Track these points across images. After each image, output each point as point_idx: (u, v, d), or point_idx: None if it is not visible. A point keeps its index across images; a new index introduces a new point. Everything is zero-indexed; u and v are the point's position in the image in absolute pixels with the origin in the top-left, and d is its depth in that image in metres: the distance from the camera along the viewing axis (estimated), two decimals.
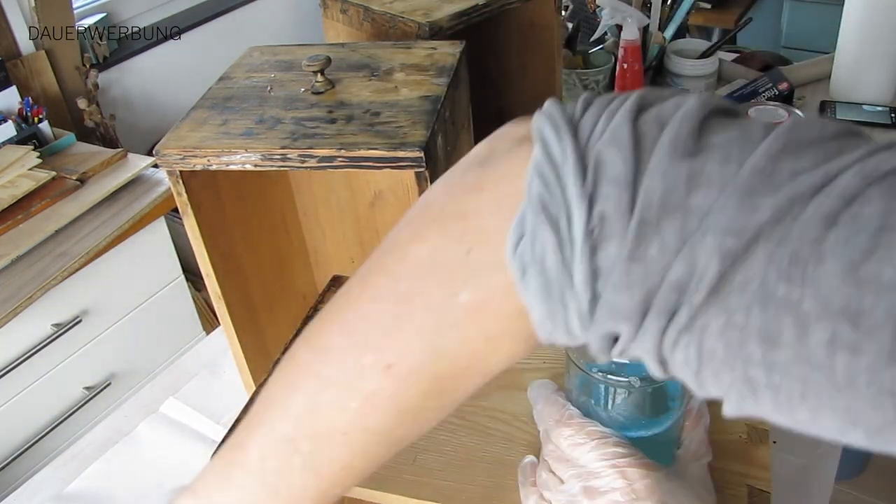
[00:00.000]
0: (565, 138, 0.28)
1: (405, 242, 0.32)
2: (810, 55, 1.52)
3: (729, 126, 0.27)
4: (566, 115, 0.29)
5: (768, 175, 0.25)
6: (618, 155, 0.26)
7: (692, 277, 0.25)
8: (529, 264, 0.28)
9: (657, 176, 0.26)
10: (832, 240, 0.23)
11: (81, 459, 0.87)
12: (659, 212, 0.25)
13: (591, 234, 0.26)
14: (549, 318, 0.28)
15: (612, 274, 0.26)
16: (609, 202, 0.26)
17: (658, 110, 0.28)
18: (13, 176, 1.44)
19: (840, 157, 0.24)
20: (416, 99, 0.69)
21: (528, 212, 0.28)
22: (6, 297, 1.26)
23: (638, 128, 0.27)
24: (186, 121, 0.69)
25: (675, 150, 0.26)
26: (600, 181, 0.26)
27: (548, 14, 0.99)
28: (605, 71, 1.35)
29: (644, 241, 0.25)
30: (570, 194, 0.27)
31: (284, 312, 0.87)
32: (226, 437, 0.39)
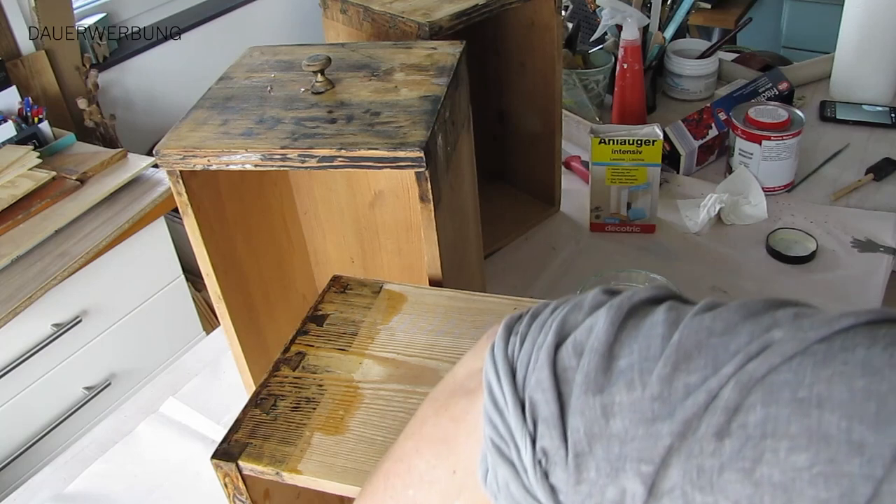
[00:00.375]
0: (505, 385, 0.33)
1: (409, 455, 0.40)
2: (810, 55, 1.52)
3: (633, 342, 0.31)
4: (507, 356, 0.34)
5: (664, 399, 0.29)
6: (545, 397, 0.31)
7: (626, 496, 0.29)
8: (498, 492, 0.33)
9: (577, 414, 0.30)
10: (727, 451, 0.26)
11: (81, 459, 0.87)
12: (588, 442, 0.30)
13: (540, 465, 0.31)
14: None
15: (567, 492, 0.31)
16: (545, 439, 0.31)
17: (574, 339, 0.32)
18: (13, 176, 1.44)
19: (724, 365, 0.28)
20: (416, 99, 0.69)
21: (487, 450, 0.34)
22: (6, 297, 1.26)
23: (558, 365, 0.32)
24: (186, 121, 0.69)
25: (588, 388, 0.30)
26: (537, 421, 0.32)
27: (548, 14, 0.99)
28: (605, 71, 1.35)
29: (583, 467, 0.30)
30: (516, 436, 0.32)
31: (284, 312, 0.87)
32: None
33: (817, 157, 1.22)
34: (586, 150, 1.15)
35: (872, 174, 1.17)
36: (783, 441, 0.25)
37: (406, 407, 0.56)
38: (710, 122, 1.21)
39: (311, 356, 0.62)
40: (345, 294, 0.68)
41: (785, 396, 0.26)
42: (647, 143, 1.03)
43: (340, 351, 0.62)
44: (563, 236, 1.12)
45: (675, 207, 1.15)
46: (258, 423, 0.56)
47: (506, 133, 1.16)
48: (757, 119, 1.12)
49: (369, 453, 0.53)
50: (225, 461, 0.53)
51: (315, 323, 0.65)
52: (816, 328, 0.28)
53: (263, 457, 0.53)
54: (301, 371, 0.60)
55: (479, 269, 0.93)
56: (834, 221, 1.09)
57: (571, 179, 1.24)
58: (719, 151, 1.24)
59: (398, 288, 0.68)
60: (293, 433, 0.55)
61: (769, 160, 1.12)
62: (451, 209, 0.72)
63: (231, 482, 0.54)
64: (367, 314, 0.65)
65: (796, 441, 0.25)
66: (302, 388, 0.59)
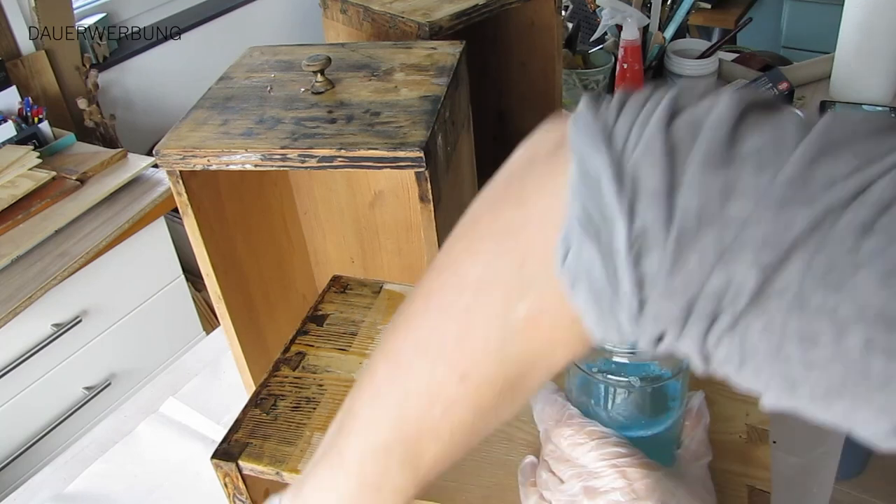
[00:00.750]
0: (601, 151, 0.28)
1: (459, 259, 0.34)
2: (810, 55, 1.52)
3: (763, 127, 0.27)
4: (600, 123, 0.29)
5: (802, 185, 0.25)
6: (653, 168, 0.27)
7: (730, 288, 0.26)
8: (578, 277, 0.29)
9: (692, 189, 0.26)
10: (867, 248, 0.23)
11: (81, 459, 0.87)
12: (696, 225, 0.26)
13: (634, 247, 0.27)
14: (601, 324, 0.30)
15: (656, 282, 0.27)
16: (648, 216, 0.27)
17: (691, 114, 0.28)
18: (13, 176, 1.44)
19: (875, 162, 0.25)
20: (416, 99, 0.69)
21: (572, 228, 0.29)
22: (6, 297, 1.26)
23: (671, 137, 0.27)
24: (186, 121, 0.69)
25: (708, 161, 0.26)
26: (638, 195, 0.27)
27: (548, 14, 0.99)
28: (605, 71, 1.35)
29: (683, 254, 0.26)
30: (609, 210, 0.27)
31: (284, 312, 0.87)
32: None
33: None
34: None
35: None
36: None
37: None
38: None
39: (311, 356, 0.62)
40: (345, 294, 0.68)
41: None
42: None
43: (340, 351, 0.62)
44: None
45: None
46: (258, 423, 0.56)
47: (506, 133, 1.16)
48: None
49: None
50: (225, 461, 0.53)
51: (315, 323, 0.65)
52: None
53: (263, 457, 0.53)
54: (301, 371, 0.60)
55: None
56: None
57: None
58: None
59: (398, 288, 0.68)
60: (293, 433, 0.55)
61: None
62: (451, 209, 0.72)
63: (231, 482, 0.54)
64: (367, 314, 0.65)
65: None
66: (302, 388, 0.59)
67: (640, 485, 0.43)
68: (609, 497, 0.43)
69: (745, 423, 0.54)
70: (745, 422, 0.54)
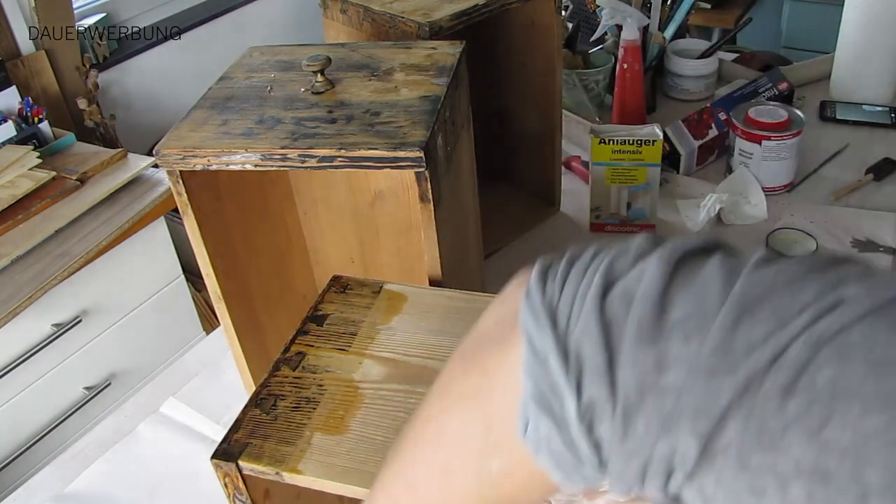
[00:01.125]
0: (546, 332, 0.31)
1: (437, 415, 0.38)
2: (810, 55, 1.52)
3: (689, 289, 0.29)
4: (546, 301, 0.32)
5: (725, 353, 0.27)
6: (592, 346, 0.30)
7: (676, 453, 0.28)
8: (538, 446, 0.32)
9: (629, 365, 0.29)
10: (792, 409, 0.25)
11: (81, 459, 0.87)
12: (637, 396, 0.28)
13: (585, 418, 0.30)
14: (568, 480, 0.32)
15: (611, 448, 0.29)
16: (593, 391, 0.29)
17: (623, 286, 0.30)
18: (13, 176, 1.44)
19: (790, 321, 0.27)
20: (416, 99, 0.69)
21: (527, 404, 0.32)
22: (6, 297, 1.26)
23: (606, 312, 0.30)
24: (186, 121, 0.69)
25: (640, 337, 0.29)
26: (583, 371, 0.30)
27: (548, 14, 0.99)
28: (605, 71, 1.35)
29: (631, 422, 0.28)
30: (559, 386, 0.30)
31: (284, 312, 0.87)
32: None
33: (817, 157, 1.22)
34: (586, 150, 1.15)
35: (872, 174, 1.17)
36: (854, 403, 0.24)
37: (406, 407, 0.56)
38: (710, 122, 1.21)
39: (311, 356, 0.62)
40: (345, 294, 0.68)
41: (858, 357, 0.25)
42: (647, 144, 1.03)
43: (340, 351, 0.62)
44: (563, 236, 1.12)
45: (675, 207, 1.15)
46: (258, 423, 0.56)
47: (506, 133, 1.16)
48: (757, 119, 1.12)
49: (369, 453, 0.53)
50: (225, 461, 0.53)
51: (315, 323, 0.65)
52: (888, 287, 0.26)
53: (263, 457, 0.53)
54: (301, 371, 0.60)
55: (479, 269, 0.93)
56: (834, 222, 1.09)
57: (571, 179, 1.24)
58: (719, 151, 1.24)
59: (398, 288, 0.68)
60: (293, 433, 0.55)
61: (769, 160, 1.12)
62: (451, 209, 0.72)
63: (231, 482, 0.54)
64: (367, 314, 0.65)
65: (869, 403, 0.24)
66: (302, 388, 0.59)
67: None
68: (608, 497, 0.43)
69: None
70: None
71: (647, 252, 0.31)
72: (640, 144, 1.03)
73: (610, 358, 0.29)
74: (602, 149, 1.04)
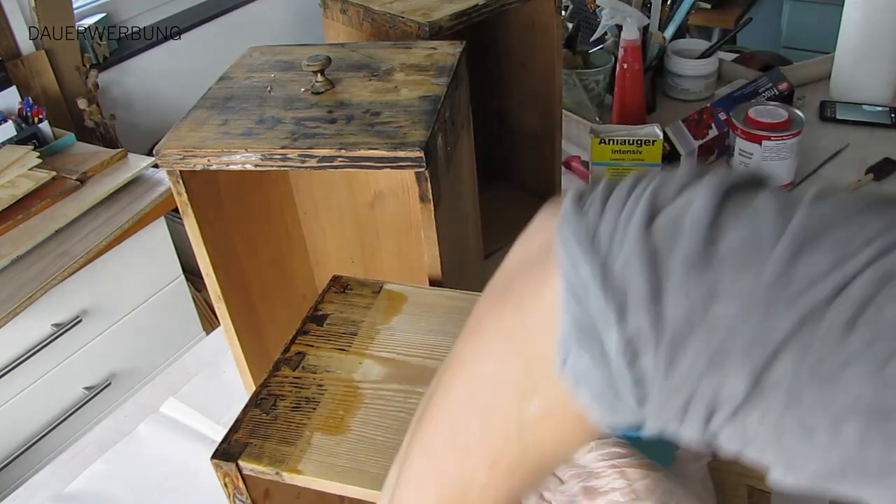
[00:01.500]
0: (586, 259, 0.29)
1: (471, 359, 0.36)
2: (810, 55, 1.52)
3: (741, 219, 0.28)
4: (583, 227, 0.30)
5: (784, 285, 0.26)
6: (637, 275, 0.28)
7: (723, 390, 0.27)
8: (578, 379, 0.30)
9: (677, 295, 0.27)
10: (853, 345, 0.24)
11: (81, 459, 0.87)
12: (685, 329, 0.27)
13: (627, 351, 0.28)
14: (607, 418, 0.31)
15: (654, 380, 0.28)
16: (635, 323, 0.28)
17: (669, 213, 0.29)
18: (13, 176, 1.44)
19: (854, 255, 0.25)
20: (416, 99, 0.69)
21: (566, 337, 0.30)
22: (6, 297, 1.26)
23: (652, 240, 0.28)
24: (186, 121, 0.69)
25: (689, 265, 0.27)
26: (626, 302, 0.28)
27: (548, 14, 0.99)
28: (605, 71, 1.35)
29: (676, 357, 0.27)
30: (600, 318, 0.29)
31: (284, 312, 0.87)
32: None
33: (817, 157, 1.22)
34: (586, 150, 1.15)
35: (872, 174, 1.17)
36: None
37: (406, 407, 0.56)
38: (710, 122, 1.21)
39: (311, 356, 0.62)
40: (345, 294, 0.68)
41: None
42: (647, 143, 1.03)
43: (340, 351, 0.62)
44: None
45: None
46: (258, 423, 0.56)
47: (506, 133, 1.16)
48: (757, 119, 1.12)
49: (369, 453, 0.53)
50: (225, 461, 0.53)
51: (315, 323, 0.65)
52: None
53: (263, 457, 0.53)
54: (301, 371, 0.60)
55: (479, 269, 0.93)
56: None
57: (571, 179, 1.24)
58: (719, 151, 1.24)
59: (398, 288, 0.68)
60: (293, 433, 0.55)
61: (769, 160, 1.12)
62: (451, 209, 0.72)
63: (231, 482, 0.54)
64: (367, 314, 0.65)
65: None
66: (302, 388, 0.59)
67: (640, 485, 0.43)
68: (609, 497, 0.43)
69: None
70: None
71: (693, 182, 0.29)
72: (640, 144, 1.03)
73: (656, 287, 0.28)
74: (602, 149, 1.04)
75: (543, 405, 0.33)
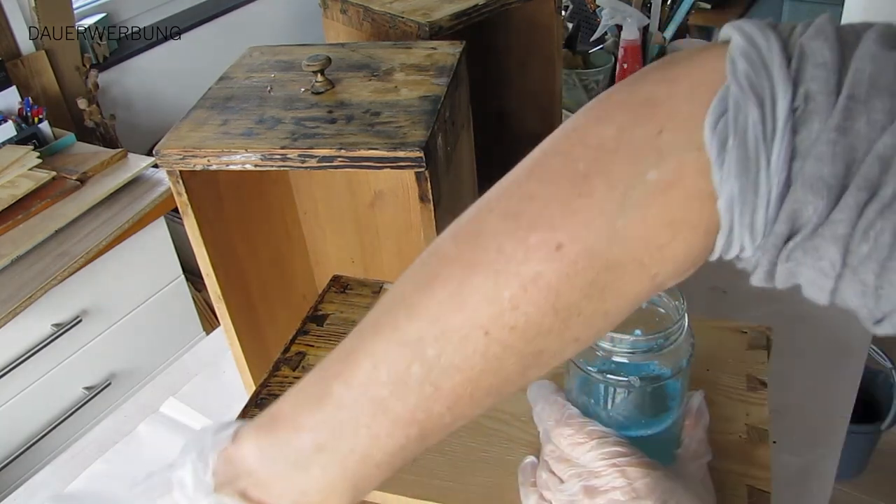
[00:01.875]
0: (768, 31, 0.29)
1: (585, 126, 0.31)
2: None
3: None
4: (761, 24, 0.30)
5: None
6: (824, 44, 0.27)
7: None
8: (729, 139, 0.28)
9: (866, 60, 0.26)
10: None
11: (81, 459, 0.87)
12: (868, 90, 0.26)
13: (795, 113, 0.27)
14: (740, 198, 0.28)
15: (815, 147, 0.26)
16: (815, 83, 0.27)
17: (851, 26, 0.28)
18: (13, 176, 1.44)
19: None
20: (416, 99, 0.69)
21: (733, 87, 0.28)
22: (6, 297, 1.26)
23: (839, 30, 0.28)
24: (186, 121, 0.69)
25: (883, 41, 0.27)
26: (805, 65, 0.27)
27: (548, 14, 0.99)
28: (605, 71, 1.35)
29: (852, 116, 0.26)
30: (775, 75, 0.27)
31: (284, 312, 0.87)
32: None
33: None
34: None
35: None
36: None
37: None
38: None
39: (312, 356, 0.62)
40: (345, 294, 0.68)
41: None
42: None
43: None
44: None
45: None
46: None
47: (506, 133, 1.16)
48: None
49: None
50: None
51: (315, 323, 0.65)
52: None
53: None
54: (301, 371, 0.60)
55: None
56: None
57: None
58: None
59: None
60: None
61: None
62: (451, 209, 0.72)
63: None
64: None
65: None
66: None
67: (640, 484, 0.43)
68: (609, 496, 0.43)
69: (745, 423, 0.54)
70: (745, 422, 0.54)
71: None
72: None
73: (841, 57, 0.27)
74: None
75: (666, 174, 0.29)
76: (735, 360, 0.59)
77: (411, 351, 0.31)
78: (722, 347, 0.60)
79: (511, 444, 0.54)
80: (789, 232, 0.28)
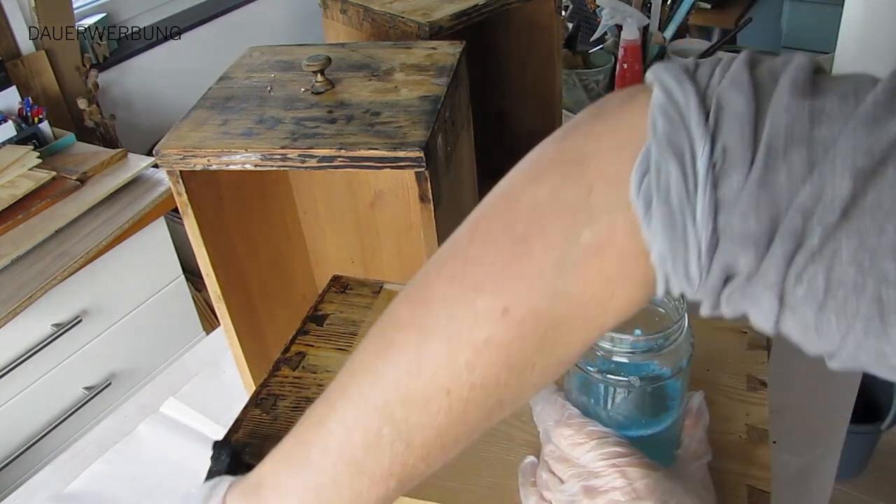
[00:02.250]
0: (686, 83, 0.29)
1: (520, 187, 0.32)
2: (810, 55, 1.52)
3: (838, 78, 0.28)
4: (682, 66, 0.30)
5: (889, 107, 0.25)
6: (739, 96, 0.27)
7: (822, 199, 0.25)
8: (654, 198, 0.28)
9: (780, 111, 0.27)
10: None
11: (81, 459, 0.87)
12: (786, 142, 0.26)
13: (714, 168, 0.27)
14: (670, 254, 0.29)
15: (738, 202, 0.27)
16: (732, 136, 0.27)
17: (770, 64, 0.29)
18: (13, 176, 1.44)
19: None
20: (416, 99, 0.69)
21: (653, 147, 0.28)
22: (6, 297, 1.26)
23: (755, 76, 0.28)
24: (186, 121, 0.69)
25: (795, 90, 0.27)
26: (722, 119, 0.27)
27: (548, 14, 0.99)
28: (605, 71, 1.35)
29: (772, 169, 0.26)
30: (693, 131, 0.28)
31: (284, 312, 0.87)
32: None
33: None
34: None
35: None
36: None
37: None
38: None
39: (312, 356, 0.62)
40: (345, 294, 0.68)
41: None
42: None
43: (340, 351, 0.62)
44: None
45: None
46: (258, 423, 0.56)
47: (506, 133, 1.16)
48: None
49: None
50: None
51: (315, 323, 0.65)
52: None
53: (263, 457, 0.53)
54: (301, 371, 0.60)
55: None
56: None
57: None
58: None
59: (398, 288, 0.68)
60: None
61: None
62: (451, 209, 0.72)
63: None
64: (367, 314, 0.65)
65: None
66: (302, 388, 0.59)
67: (640, 484, 0.43)
68: (609, 496, 0.43)
69: (745, 423, 0.54)
70: (745, 422, 0.54)
71: (787, 56, 0.30)
72: None
73: (757, 107, 0.27)
74: None
75: (600, 234, 0.30)
76: (735, 360, 0.59)
77: (380, 415, 0.32)
78: (722, 347, 0.60)
79: (511, 444, 0.54)
80: (725, 279, 0.29)
